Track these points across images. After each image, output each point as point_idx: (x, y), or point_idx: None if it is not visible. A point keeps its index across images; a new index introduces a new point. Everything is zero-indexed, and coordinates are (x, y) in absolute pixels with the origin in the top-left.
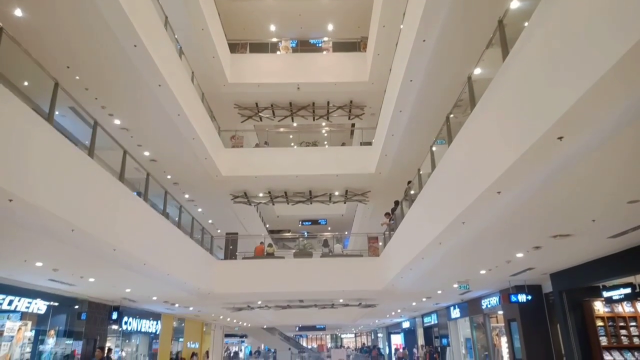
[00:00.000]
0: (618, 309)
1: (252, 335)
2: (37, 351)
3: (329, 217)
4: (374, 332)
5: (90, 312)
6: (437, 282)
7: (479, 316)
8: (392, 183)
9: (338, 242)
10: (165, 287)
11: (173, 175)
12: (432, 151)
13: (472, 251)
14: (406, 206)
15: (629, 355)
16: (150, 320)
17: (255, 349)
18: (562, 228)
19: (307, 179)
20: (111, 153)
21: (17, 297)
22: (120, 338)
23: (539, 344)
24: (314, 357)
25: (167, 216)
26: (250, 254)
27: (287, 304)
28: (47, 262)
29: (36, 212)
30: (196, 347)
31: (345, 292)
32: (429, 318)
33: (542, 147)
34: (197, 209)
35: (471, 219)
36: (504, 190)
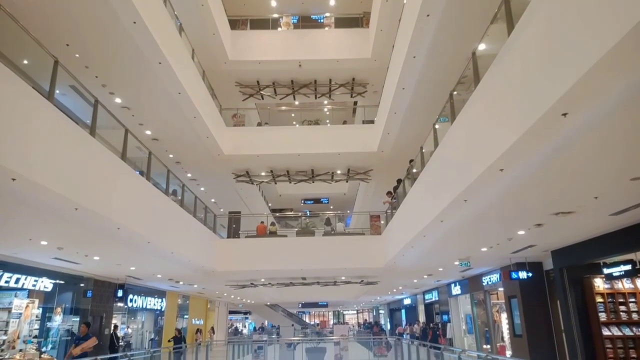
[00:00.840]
0: (618, 285)
1: (255, 312)
2: (45, 328)
3: (331, 195)
4: (376, 308)
5: (95, 290)
6: (438, 259)
7: (479, 293)
8: (395, 161)
9: (340, 221)
10: (169, 265)
11: (175, 154)
12: (434, 129)
13: (474, 229)
14: (408, 184)
15: (627, 331)
16: (155, 298)
17: (259, 325)
18: (565, 205)
19: (309, 157)
20: (113, 132)
21: (23, 276)
22: (126, 315)
23: (539, 320)
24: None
25: (175, 193)
26: (253, 232)
27: (290, 281)
28: (51, 241)
29: (39, 190)
30: (201, 324)
31: (347, 270)
32: (430, 295)
33: (546, 123)
34: (200, 188)
35: (473, 196)
36: (507, 168)
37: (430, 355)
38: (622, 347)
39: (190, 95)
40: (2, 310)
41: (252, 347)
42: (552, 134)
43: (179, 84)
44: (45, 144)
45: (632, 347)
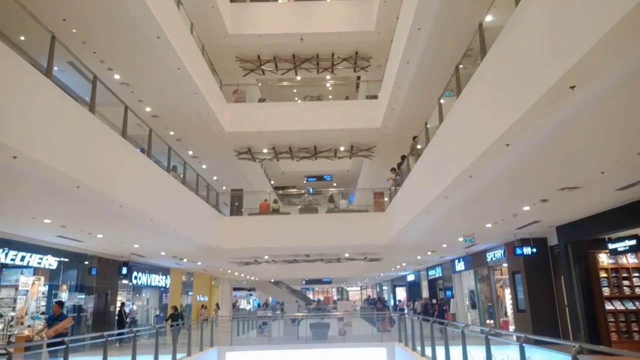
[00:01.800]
0: (622, 260)
1: (259, 289)
2: (52, 304)
3: (334, 173)
4: (379, 285)
5: (100, 267)
6: (442, 236)
7: (483, 269)
8: (399, 137)
9: (343, 198)
10: (172, 243)
11: (176, 131)
12: (439, 104)
13: (479, 205)
14: (412, 161)
15: (630, 305)
16: (160, 275)
17: (263, 301)
18: (571, 180)
19: (311, 134)
20: (112, 109)
21: (28, 253)
22: (131, 292)
23: (543, 295)
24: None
25: (175, 169)
26: (255, 210)
27: (294, 258)
28: (55, 219)
29: (40, 168)
30: (205, 300)
31: (350, 247)
32: (434, 271)
33: (553, 96)
34: (202, 166)
35: (478, 172)
36: (513, 143)
37: (434, 330)
38: (624, 321)
39: (190, 70)
40: (9, 287)
41: (257, 322)
42: (560, 107)
43: (178, 59)
44: (45, 122)
45: (634, 321)
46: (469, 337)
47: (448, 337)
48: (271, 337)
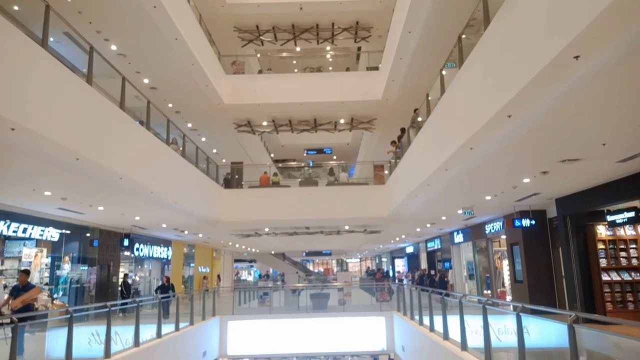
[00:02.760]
0: (620, 232)
1: (260, 261)
2: (55, 276)
3: (335, 146)
4: (378, 257)
5: (101, 239)
6: (441, 208)
7: (481, 240)
8: (399, 110)
9: (344, 171)
10: (173, 215)
11: (174, 103)
12: (441, 75)
13: (479, 177)
14: (413, 133)
15: (626, 276)
16: (161, 247)
17: (264, 273)
18: (572, 152)
19: (311, 106)
20: (110, 81)
21: (30, 225)
22: (134, 264)
23: (540, 266)
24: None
25: (175, 142)
26: (255, 183)
27: (294, 231)
28: (55, 191)
29: (39, 140)
30: (207, 272)
31: (350, 219)
32: (433, 243)
33: (557, 66)
34: (201, 139)
35: (479, 144)
36: (515, 114)
37: (432, 300)
38: (620, 291)
39: (187, 40)
40: (13, 259)
41: (258, 293)
42: (563, 78)
43: (175, 29)
44: (42, 93)
45: (629, 291)
46: (466, 307)
47: (446, 307)
48: (272, 307)
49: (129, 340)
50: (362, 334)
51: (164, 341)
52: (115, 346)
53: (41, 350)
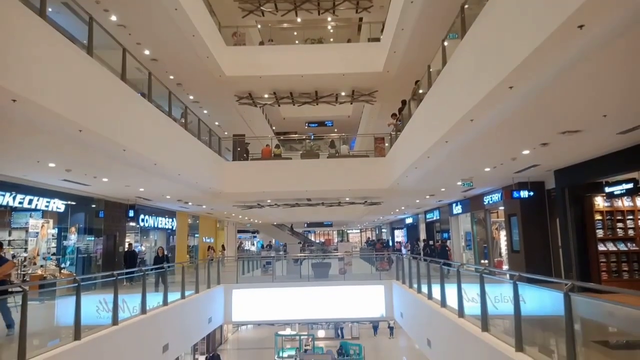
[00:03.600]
0: (617, 203)
1: (263, 231)
2: (62, 246)
3: (336, 118)
4: (378, 227)
5: (107, 210)
6: (441, 180)
7: (480, 212)
8: (400, 82)
9: (344, 143)
10: (177, 187)
11: (175, 75)
12: (443, 46)
13: (479, 149)
14: (414, 106)
15: (622, 246)
16: (166, 218)
17: (266, 243)
18: (572, 124)
19: (312, 78)
20: (111, 53)
21: (36, 197)
22: (139, 234)
23: (537, 236)
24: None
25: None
26: (257, 155)
27: (295, 202)
28: (59, 163)
29: (41, 112)
30: (211, 242)
31: (351, 191)
32: (432, 214)
33: (561, 36)
34: (203, 111)
35: (480, 116)
36: (517, 85)
37: (430, 269)
38: (615, 261)
39: (187, 11)
40: (20, 230)
41: (261, 262)
42: (566, 48)
43: None
44: (43, 64)
45: (624, 261)
46: (464, 276)
47: (444, 276)
48: (275, 275)
49: (136, 307)
50: (362, 301)
51: (170, 308)
52: (122, 314)
53: (51, 317)
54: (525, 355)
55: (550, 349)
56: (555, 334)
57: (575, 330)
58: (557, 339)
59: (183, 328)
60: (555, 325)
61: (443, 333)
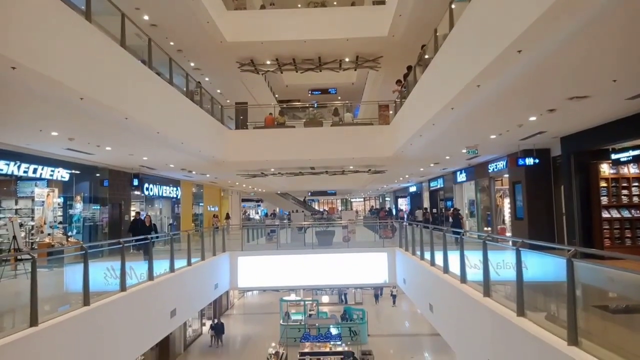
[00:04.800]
0: (623, 170)
1: (267, 200)
2: (68, 215)
3: (339, 85)
4: (382, 196)
5: (111, 179)
6: (446, 147)
7: (484, 179)
8: (406, 47)
9: (348, 111)
10: (180, 155)
11: (176, 41)
12: (450, 9)
13: (484, 116)
14: (419, 72)
15: (626, 213)
16: (171, 187)
17: (270, 212)
18: (581, 89)
19: (315, 44)
20: (110, 19)
21: (40, 166)
22: (144, 202)
23: (541, 204)
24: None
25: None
26: (260, 124)
27: (299, 171)
28: (62, 132)
29: (42, 80)
30: (216, 210)
31: (355, 159)
32: (435, 182)
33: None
34: (205, 78)
35: (487, 81)
36: (526, 49)
37: (433, 237)
38: (619, 228)
39: None
40: (25, 198)
41: (265, 230)
42: (576, 11)
43: None
44: (41, 31)
45: (628, 228)
46: (466, 243)
47: (447, 243)
48: (279, 243)
49: (143, 274)
50: (365, 268)
51: (176, 275)
52: (130, 280)
53: (60, 284)
54: (527, 320)
55: (551, 314)
56: (556, 299)
57: (577, 295)
58: (558, 304)
59: (190, 294)
60: (556, 291)
61: (445, 298)
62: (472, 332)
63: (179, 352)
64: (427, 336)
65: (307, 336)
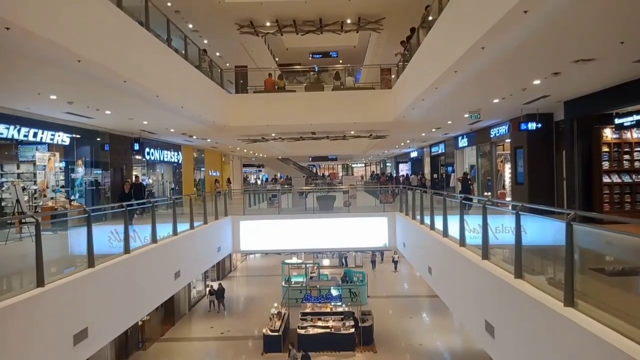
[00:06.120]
0: (626, 135)
1: (268, 165)
2: (70, 179)
3: (341, 49)
4: (383, 161)
5: (112, 143)
6: (448, 112)
7: (485, 144)
8: (409, 8)
9: (350, 75)
10: (180, 120)
11: (173, 2)
12: None
13: (488, 79)
14: (423, 34)
15: (626, 178)
16: (172, 151)
17: (271, 177)
18: (587, 51)
19: (316, 4)
20: None
21: (40, 130)
22: (146, 167)
23: (542, 169)
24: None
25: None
26: (260, 88)
27: (300, 136)
28: (60, 95)
29: (37, 41)
30: (217, 175)
31: (356, 124)
32: (437, 148)
33: None
34: (203, 41)
35: (492, 43)
36: (532, 9)
37: (433, 201)
38: (619, 193)
39: None
40: (27, 163)
41: (267, 195)
42: None
43: None
44: None
45: (627, 193)
46: (466, 208)
47: (446, 207)
48: (281, 208)
49: (146, 237)
50: (366, 232)
51: (179, 238)
52: (134, 243)
53: (65, 246)
54: (524, 282)
55: (548, 276)
56: (554, 262)
57: (574, 258)
58: (556, 267)
59: (193, 256)
60: (554, 255)
61: (444, 261)
62: (470, 293)
63: (184, 312)
64: (425, 298)
65: (309, 297)
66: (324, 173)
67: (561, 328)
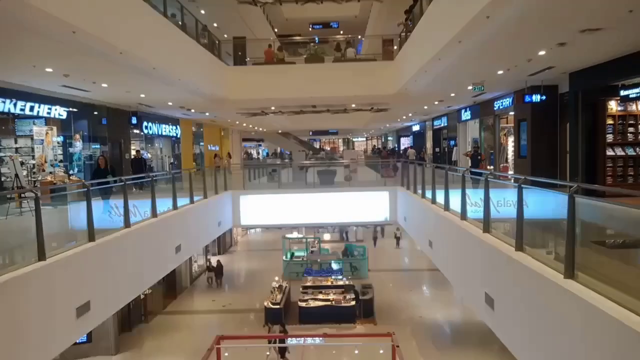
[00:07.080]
0: (631, 107)
1: (268, 140)
2: (68, 153)
3: (341, 19)
4: (385, 135)
5: (109, 117)
6: (451, 84)
7: (489, 117)
8: None
9: (351, 47)
10: (178, 93)
11: None
12: None
13: (492, 50)
14: (426, 3)
15: (630, 151)
16: (170, 125)
17: (272, 151)
18: (594, 21)
19: None
20: None
21: (37, 104)
22: (144, 141)
23: (546, 142)
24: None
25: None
26: (259, 60)
27: (300, 109)
28: (56, 68)
29: (31, 11)
30: (216, 149)
31: (357, 97)
32: (439, 121)
33: None
34: (200, 11)
35: (497, 11)
36: None
37: (435, 175)
38: (622, 166)
39: None
40: (25, 137)
41: (267, 170)
42: None
43: None
44: None
45: (631, 166)
46: (468, 182)
47: (448, 181)
48: (281, 182)
49: (147, 212)
50: (367, 206)
51: (179, 212)
52: (134, 218)
53: (64, 221)
54: (525, 254)
55: (549, 249)
56: (555, 235)
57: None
58: (557, 240)
59: (194, 230)
60: (555, 228)
61: (445, 235)
62: (471, 266)
63: (186, 286)
64: (425, 271)
65: (310, 271)
66: (324, 147)
67: (561, 300)
